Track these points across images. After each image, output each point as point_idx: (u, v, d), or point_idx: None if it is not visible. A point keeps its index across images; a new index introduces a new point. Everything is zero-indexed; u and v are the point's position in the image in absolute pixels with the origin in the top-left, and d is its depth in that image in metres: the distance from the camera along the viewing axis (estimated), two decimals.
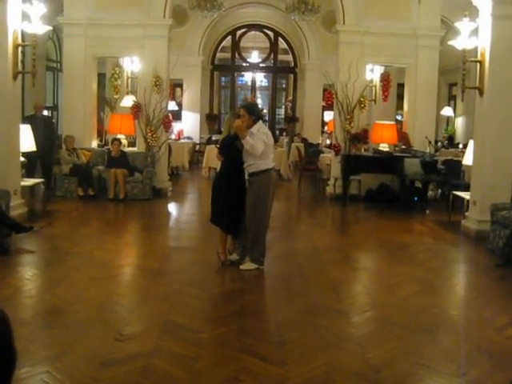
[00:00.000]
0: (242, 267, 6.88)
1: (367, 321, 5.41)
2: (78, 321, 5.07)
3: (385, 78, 13.61)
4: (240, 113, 6.92)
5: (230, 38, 21.76)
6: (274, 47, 22.10)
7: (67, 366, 4.11)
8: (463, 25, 9.31)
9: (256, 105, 10.26)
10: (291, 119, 22.05)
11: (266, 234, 7.04)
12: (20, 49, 9.04)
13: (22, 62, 9.80)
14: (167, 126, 12.62)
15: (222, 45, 21.84)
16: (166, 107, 12.61)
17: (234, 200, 6.94)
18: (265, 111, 23.71)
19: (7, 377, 1.57)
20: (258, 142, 6.68)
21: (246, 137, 6.62)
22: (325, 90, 17.90)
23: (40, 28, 9.06)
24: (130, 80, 14.73)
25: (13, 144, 9.05)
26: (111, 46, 12.46)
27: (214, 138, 17.51)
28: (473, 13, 9.42)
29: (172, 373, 4.12)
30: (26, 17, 8.97)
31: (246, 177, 7.01)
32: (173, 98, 18.57)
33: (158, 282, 6.41)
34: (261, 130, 6.83)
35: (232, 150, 6.91)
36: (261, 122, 6.98)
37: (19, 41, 8.90)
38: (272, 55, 22.37)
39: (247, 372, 4.15)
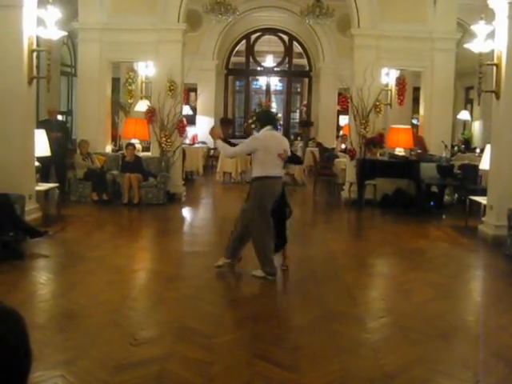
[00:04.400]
0: (253, 273, 6.84)
1: (382, 326, 5.36)
2: (92, 325, 5.08)
3: (400, 82, 13.51)
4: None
5: (244, 42, 21.75)
6: (288, 51, 22.08)
7: (81, 370, 4.11)
8: (479, 27, 9.25)
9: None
10: (306, 123, 21.99)
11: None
12: (35, 54, 9.08)
13: (37, 67, 9.82)
14: (181, 131, 12.61)
15: (236, 49, 21.83)
16: (181, 112, 12.61)
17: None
18: (279, 115, 23.65)
19: (23, 379, 1.54)
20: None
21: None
22: (340, 94, 17.92)
23: (55, 33, 9.10)
24: (144, 84, 14.76)
25: (27, 149, 9.09)
26: (125, 51, 12.49)
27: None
28: (489, 15, 9.35)
29: (186, 377, 4.11)
30: (41, 22, 9.02)
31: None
32: (187, 102, 18.59)
33: (172, 287, 6.40)
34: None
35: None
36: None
37: (34, 46, 8.95)
38: (287, 59, 22.33)
39: (261, 377, 4.12)
